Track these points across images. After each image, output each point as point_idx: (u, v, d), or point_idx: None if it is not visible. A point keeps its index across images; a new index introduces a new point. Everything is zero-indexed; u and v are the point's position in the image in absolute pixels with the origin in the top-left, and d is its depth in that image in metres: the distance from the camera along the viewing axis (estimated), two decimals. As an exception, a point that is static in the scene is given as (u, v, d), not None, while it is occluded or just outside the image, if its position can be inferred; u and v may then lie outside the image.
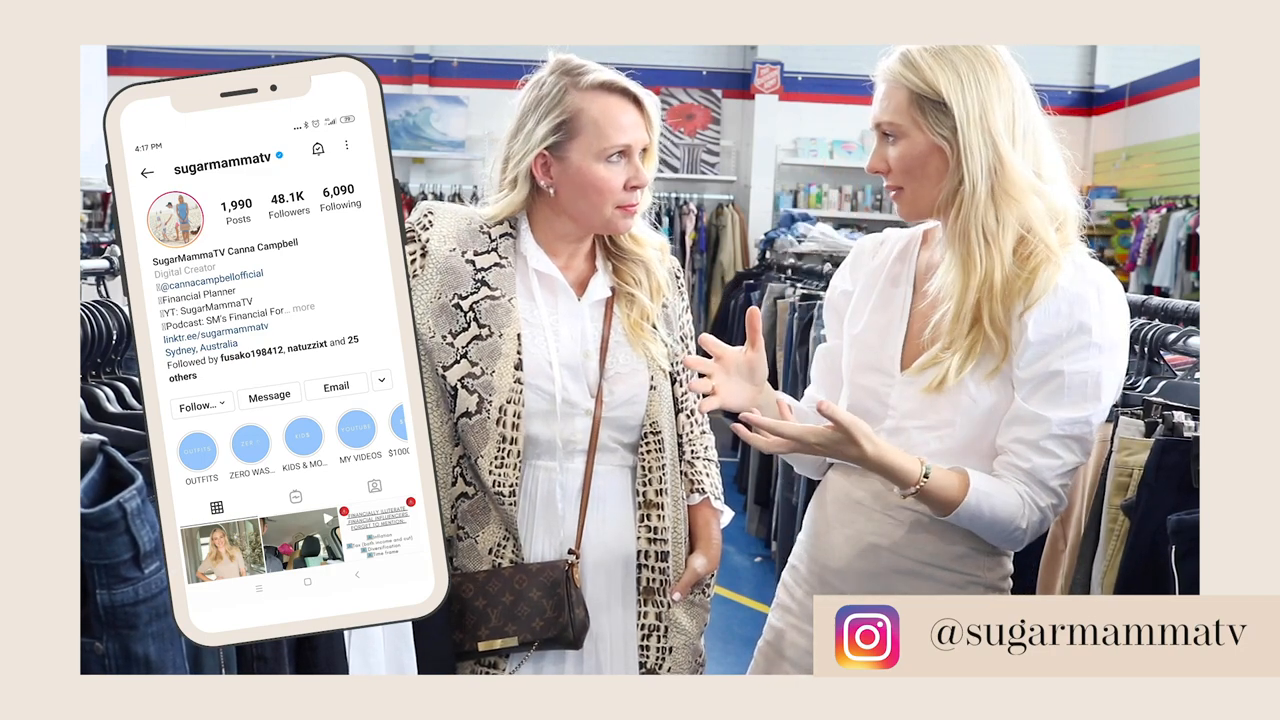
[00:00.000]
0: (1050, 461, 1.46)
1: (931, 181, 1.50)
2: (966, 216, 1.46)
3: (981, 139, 1.45)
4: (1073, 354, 1.44)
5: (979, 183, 1.45)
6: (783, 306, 4.90)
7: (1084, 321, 1.44)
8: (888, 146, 1.52)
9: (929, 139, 1.48)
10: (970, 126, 1.45)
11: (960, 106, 1.45)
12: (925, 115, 1.48)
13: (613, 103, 1.67)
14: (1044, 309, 1.44)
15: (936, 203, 1.51)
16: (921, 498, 1.45)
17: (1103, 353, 1.44)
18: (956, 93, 1.46)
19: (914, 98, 1.48)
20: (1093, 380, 1.44)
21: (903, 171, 1.52)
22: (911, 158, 1.50)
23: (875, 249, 1.69)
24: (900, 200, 1.55)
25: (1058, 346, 1.44)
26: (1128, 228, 8.36)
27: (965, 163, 1.46)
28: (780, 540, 4.49)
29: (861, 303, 1.65)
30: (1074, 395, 1.44)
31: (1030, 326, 1.44)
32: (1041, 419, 1.45)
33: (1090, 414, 1.46)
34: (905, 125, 1.49)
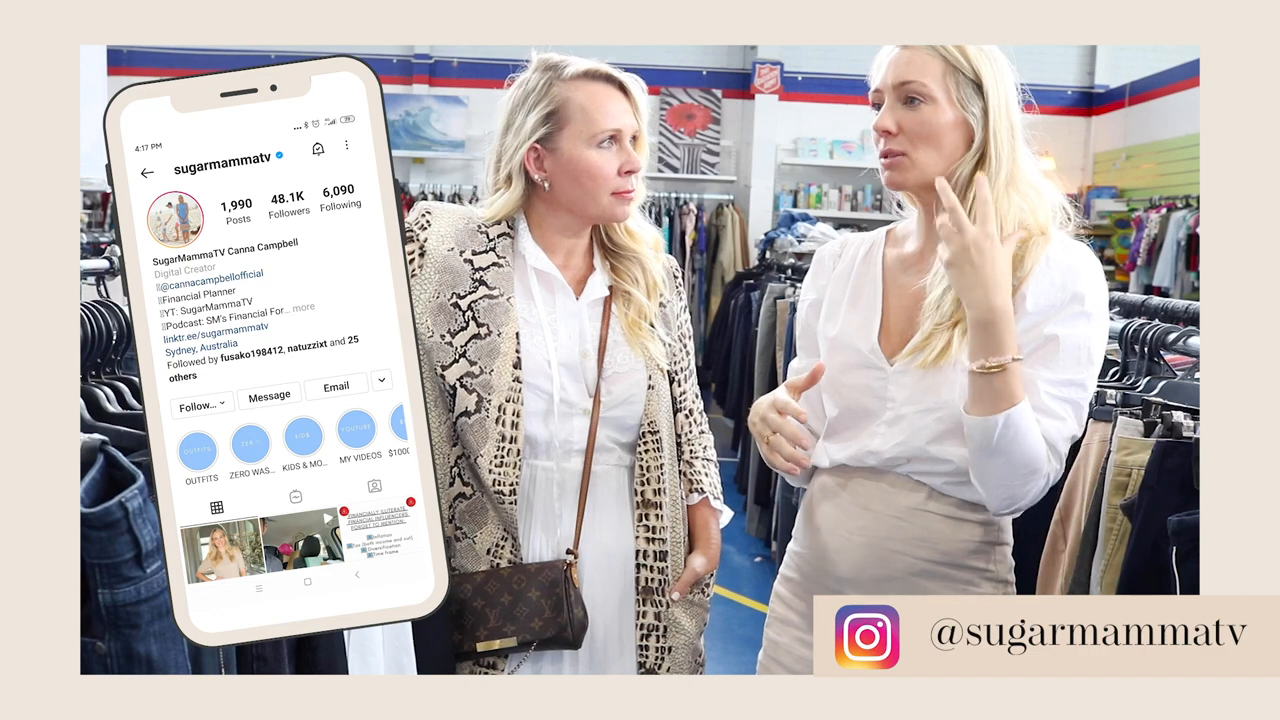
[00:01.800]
0: (1054, 422, 1.46)
1: (944, 155, 1.50)
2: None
3: (1009, 129, 1.50)
4: (1067, 320, 1.46)
5: (1001, 169, 1.48)
6: (783, 306, 4.90)
7: (1078, 291, 1.46)
8: (905, 110, 1.51)
9: (958, 112, 1.49)
10: (1001, 115, 1.49)
11: (995, 92, 1.49)
12: (959, 89, 1.49)
13: (598, 89, 1.68)
14: (1039, 279, 1.47)
15: (935, 176, 1.47)
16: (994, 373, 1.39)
17: (1092, 320, 1.47)
18: (991, 78, 1.49)
19: (950, 68, 1.49)
20: (1085, 345, 1.47)
21: (919, 137, 1.50)
22: (935, 125, 1.49)
23: (837, 255, 1.69)
24: (897, 166, 1.52)
25: (1054, 315, 1.47)
26: (1128, 228, 8.36)
27: (994, 147, 1.48)
28: (780, 540, 4.49)
29: (834, 306, 1.64)
30: (1068, 358, 1.46)
31: (1029, 298, 1.47)
32: (1039, 377, 1.46)
33: (1084, 378, 1.47)
34: (936, 91, 1.49)
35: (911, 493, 1.55)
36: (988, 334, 1.40)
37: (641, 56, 8.53)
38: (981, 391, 1.41)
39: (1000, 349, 1.39)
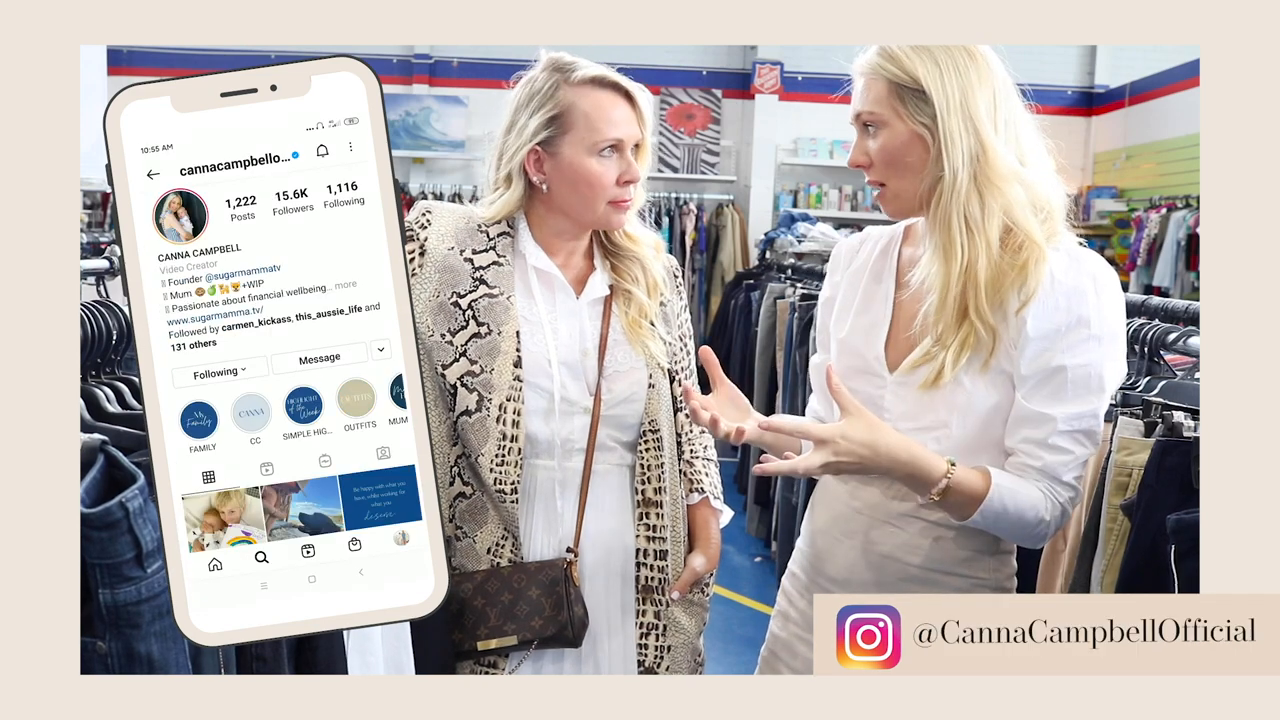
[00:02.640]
0: (1062, 458, 1.44)
1: (913, 173, 1.48)
2: (948, 204, 1.45)
3: (962, 125, 1.44)
4: (1073, 348, 1.42)
5: (960, 170, 1.44)
6: (783, 306, 4.90)
7: (1083, 314, 1.42)
8: (868, 139, 1.51)
9: (909, 128, 1.46)
10: (950, 113, 1.44)
11: (940, 93, 1.44)
12: (905, 104, 1.46)
13: (604, 97, 1.67)
14: (1041, 303, 1.43)
15: (919, 196, 1.49)
16: (945, 498, 1.42)
17: (1102, 344, 1.43)
18: (935, 80, 1.45)
19: (893, 87, 1.47)
20: (1095, 373, 1.43)
21: (884, 164, 1.50)
22: (893, 148, 1.48)
23: (855, 250, 1.68)
24: (884, 198, 1.53)
25: (1058, 341, 1.43)
26: (1128, 228, 8.36)
27: (946, 149, 1.44)
28: (780, 540, 4.49)
29: (846, 305, 1.63)
30: (1077, 390, 1.43)
31: (1029, 322, 1.43)
32: (1048, 418, 1.43)
33: (1095, 407, 1.44)
34: (885, 115, 1.48)
35: (905, 500, 1.53)
36: (911, 482, 1.44)
37: (641, 56, 8.54)
38: (948, 508, 1.45)
39: (929, 484, 1.42)
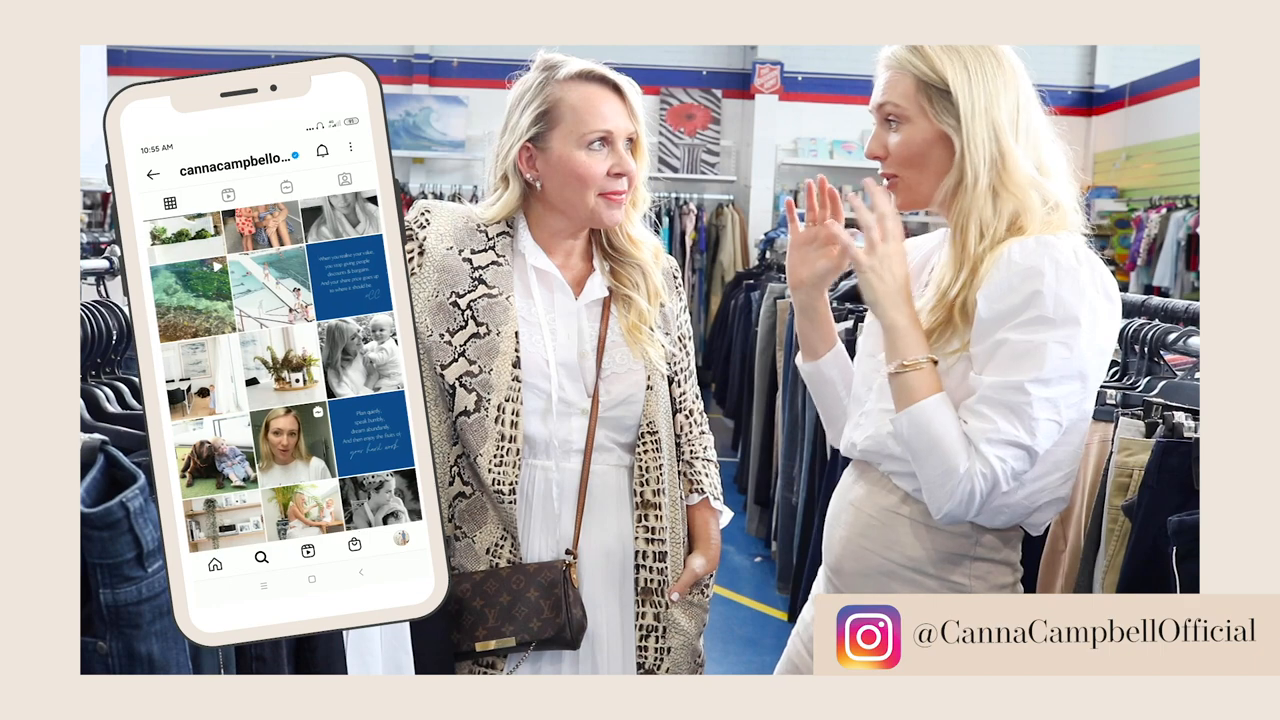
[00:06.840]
0: (982, 424, 1.38)
1: (932, 172, 1.49)
2: (967, 210, 1.45)
3: (986, 132, 1.44)
4: (1019, 326, 1.38)
5: (981, 175, 1.44)
6: (783, 306, 4.90)
7: (1035, 292, 1.37)
8: (889, 132, 1.51)
9: (934, 127, 1.47)
10: (975, 118, 1.44)
11: (966, 98, 1.44)
12: (932, 103, 1.46)
13: (591, 90, 1.67)
14: (992, 283, 1.40)
15: (936, 195, 1.49)
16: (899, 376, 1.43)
17: (1054, 327, 1.37)
18: (963, 83, 1.45)
19: (920, 85, 1.47)
20: (1035, 349, 1.37)
21: (903, 159, 1.50)
22: (914, 145, 1.48)
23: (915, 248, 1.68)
24: (896, 189, 1.53)
25: (1007, 320, 1.39)
26: (1128, 228, 8.36)
27: (968, 154, 1.44)
28: (780, 540, 4.48)
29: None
30: (1012, 361, 1.38)
31: (981, 303, 1.41)
32: (978, 383, 1.41)
33: (1025, 380, 1.36)
34: (910, 111, 1.48)
35: (889, 494, 1.55)
36: (888, 341, 1.45)
37: (641, 56, 8.54)
38: (896, 392, 1.45)
39: (899, 355, 1.43)
